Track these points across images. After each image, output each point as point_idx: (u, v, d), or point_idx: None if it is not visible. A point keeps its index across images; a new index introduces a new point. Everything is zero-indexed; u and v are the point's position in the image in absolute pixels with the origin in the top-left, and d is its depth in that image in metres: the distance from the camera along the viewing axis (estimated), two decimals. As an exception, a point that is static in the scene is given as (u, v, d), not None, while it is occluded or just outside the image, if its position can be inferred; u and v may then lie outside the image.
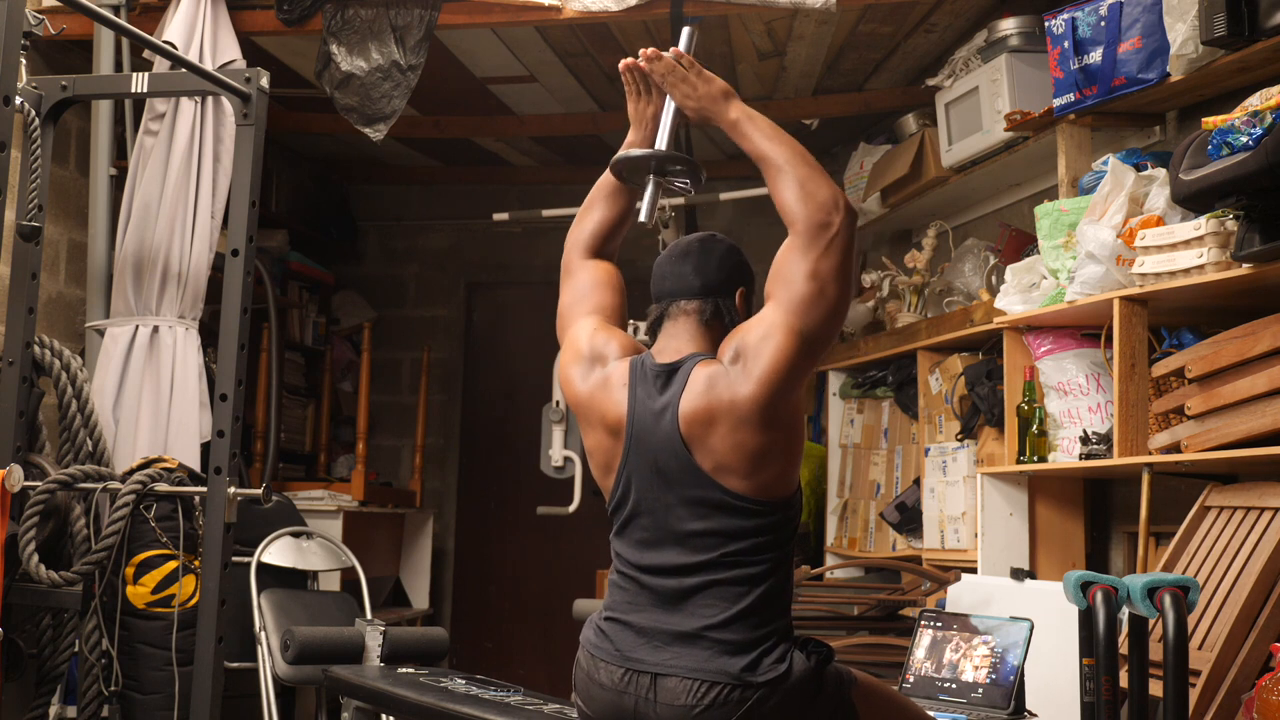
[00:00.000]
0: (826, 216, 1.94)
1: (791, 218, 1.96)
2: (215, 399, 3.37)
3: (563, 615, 4.32)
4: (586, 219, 2.27)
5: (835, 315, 1.95)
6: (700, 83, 2.09)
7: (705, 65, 2.16)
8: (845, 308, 1.98)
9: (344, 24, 3.97)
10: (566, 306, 2.23)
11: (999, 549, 3.51)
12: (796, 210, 1.96)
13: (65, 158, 4.25)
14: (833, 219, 1.94)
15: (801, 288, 1.93)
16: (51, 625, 3.45)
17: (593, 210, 2.27)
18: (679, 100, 2.12)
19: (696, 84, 2.09)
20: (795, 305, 1.93)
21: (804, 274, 1.93)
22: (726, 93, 2.09)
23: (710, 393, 1.95)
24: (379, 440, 6.06)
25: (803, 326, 1.92)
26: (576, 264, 2.25)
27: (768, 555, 1.96)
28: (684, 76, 2.10)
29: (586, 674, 2.03)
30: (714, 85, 2.09)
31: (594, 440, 2.09)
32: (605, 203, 2.26)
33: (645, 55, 2.13)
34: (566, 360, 2.14)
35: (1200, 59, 2.97)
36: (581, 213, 2.28)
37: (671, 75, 2.11)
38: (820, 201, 1.95)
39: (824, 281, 1.93)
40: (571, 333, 2.17)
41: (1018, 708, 2.63)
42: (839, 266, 1.94)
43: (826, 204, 1.95)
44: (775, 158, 2.00)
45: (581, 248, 2.26)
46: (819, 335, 1.94)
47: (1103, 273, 3.07)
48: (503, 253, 6.27)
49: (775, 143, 2.02)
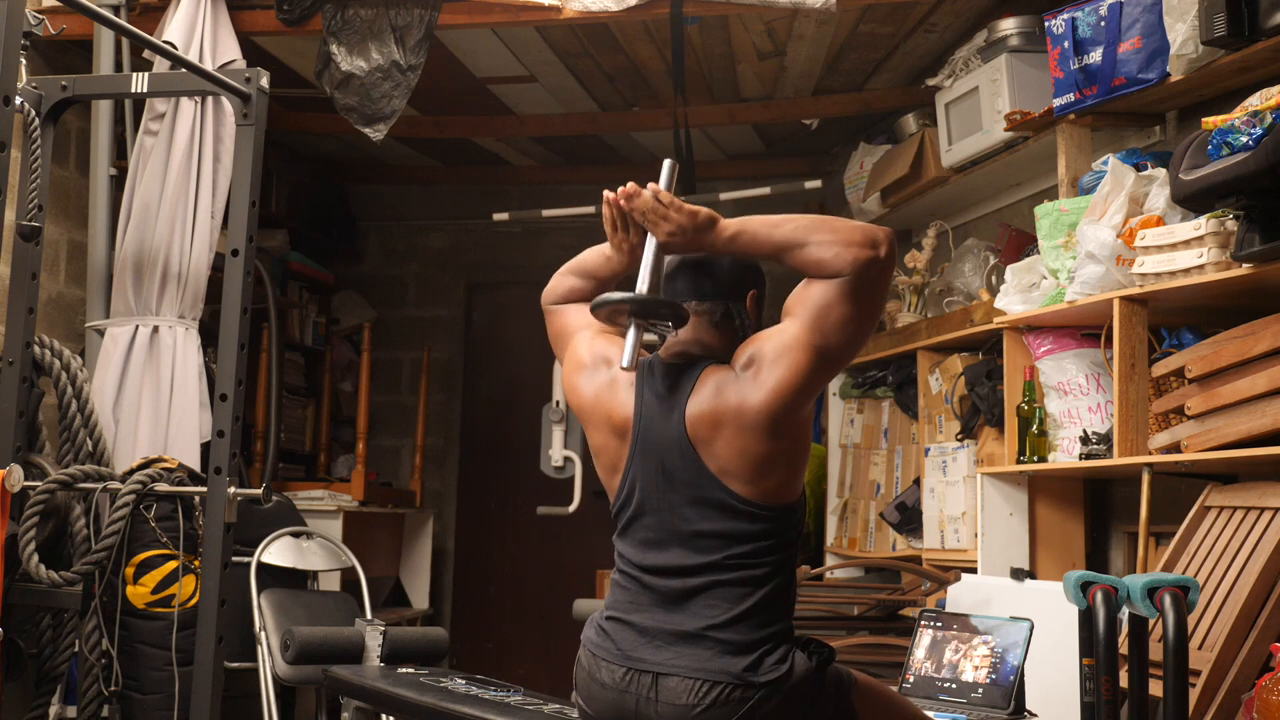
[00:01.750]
0: (871, 248, 1.88)
1: (838, 268, 1.89)
2: (215, 399, 3.37)
3: (563, 615, 4.32)
4: (566, 283, 2.24)
5: (860, 341, 1.94)
6: (682, 218, 1.97)
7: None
8: (870, 334, 1.97)
9: (344, 24, 3.97)
10: (559, 330, 2.23)
11: (999, 549, 3.51)
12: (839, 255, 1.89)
13: (65, 158, 4.25)
14: (878, 246, 1.89)
15: (836, 311, 1.89)
16: (51, 625, 3.45)
17: (568, 280, 2.24)
18: (662, 238, 1.99)
19: (679, 220, 1.97)
20: (825, 326, 1.90)
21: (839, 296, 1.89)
22: (711, 219, 1.97)
23: (718, 397, 1.95)
24: (379, 440, 6.06)
25: (826, 345, 1.91)
26: (555, 309, 2.25)
27: (771, 558, 1.96)
28: (664, 214, 1.97)
29: (588, 673, 2.03)
30: (697, 218, 1.97)
31: (600, 441, 2.09)
32: (580, 280, 2.23)
33: (623, 193, 2.02)
34: (570, 372, 2.15)
35: (1200, 59, 2.97)
36: (564, 273, 2.25)
37: (651, 214, 1.98)
38: (857, 240, 1.89)
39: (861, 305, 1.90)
40: (570, 348, 2.18)
41: (1018, 708, 2.63)
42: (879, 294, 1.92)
43: (866, 237, 1.89)
44: (794, 236, 1.93)
45: (555, 300, 2.26)
46: (839, 357, 1.93)
47: (1103, 273, 3.07)
48: (503, 253, 6.27)
49: (784, 228, 1.95)
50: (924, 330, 4.22)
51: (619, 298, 1.98)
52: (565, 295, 2.25)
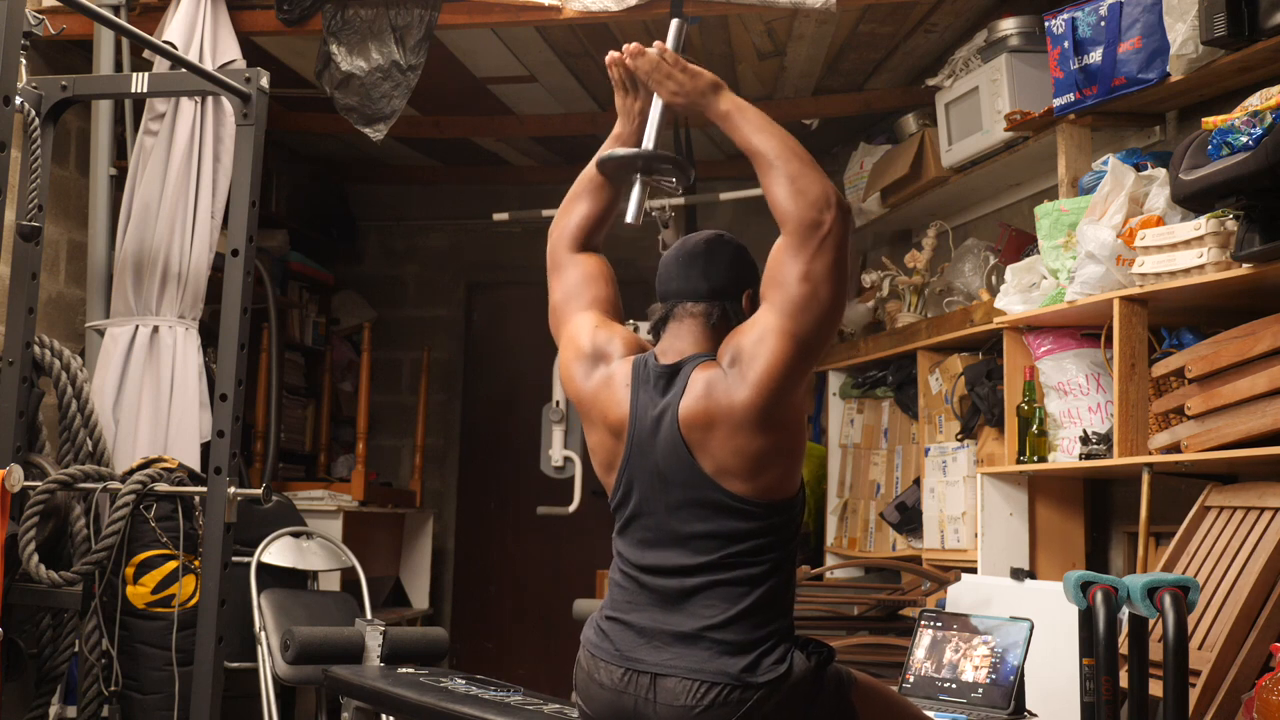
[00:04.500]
0: (818, 215, 1.90)
1: (783, 216, 1.92)
2: (215, 399, 3.37)
3: (563, 615, 4.32)
4: (571, 213, 2.22)
5: (830, 317, 1.92)
6: (686, 78, 2.03)
7: (705, 65, 2.14)
8: (840, 309, 1.94)
9: (344, 24, 3.97)
10: (560, 302, 2.19)
11: (999, 549, 3.51)
12: (788, 208, 1.92)
13: (65, 158, 4.25)
14: (824, 217, 1.90)
15: (794, 290, 1.89)
16: (51, 625, 3.45)
17: (577, 204, 2.23)
18: (665, 97, 2.06)
19: (682, 79, 2.03)
20: (789, 308, 1.90)
21: (796, 276, 1.89)
22: (715, 85, 2.03)
23: (709, 396, 1.94)
24: (379, 440, 6.06)
25: (797, 329, 1.89)
26: (564, 259, 2.21)
27: (769, 556, 1.95)
28: (669, 73, 2.04)
29: (587, 673, 2.03)
30: (700, 79, 2.03)
31: (596, 439, 2.08)
32: (590, 196, 2.22)
33: (629, 51, 2.08)
34: (568, 357, 2.12)
35: (1200, 59, 2.97)
36: (565, 206, 2.24)
37: (656, 72, 2.05)
38: (811, 199, 1.90)
39: (817, 283, 1.89)
40: (570, 329, 2.14)
41: (1018, 708, 2.63)
42: (832, 267, 1.90)
43: (818, 201, 1.90)
44: (766, 152, 1.96)
45: (567, 242, 2.21)
46: (814, 338, 1.91)
47: (1103, 273, 3.07)
48: (503, 253, 6.27)
49: (766, 135, 1.97)
50: (924, 330, 4.22)
51: (625, 152, 2.06)
52: (581, 227, 2.21)
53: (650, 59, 2.05)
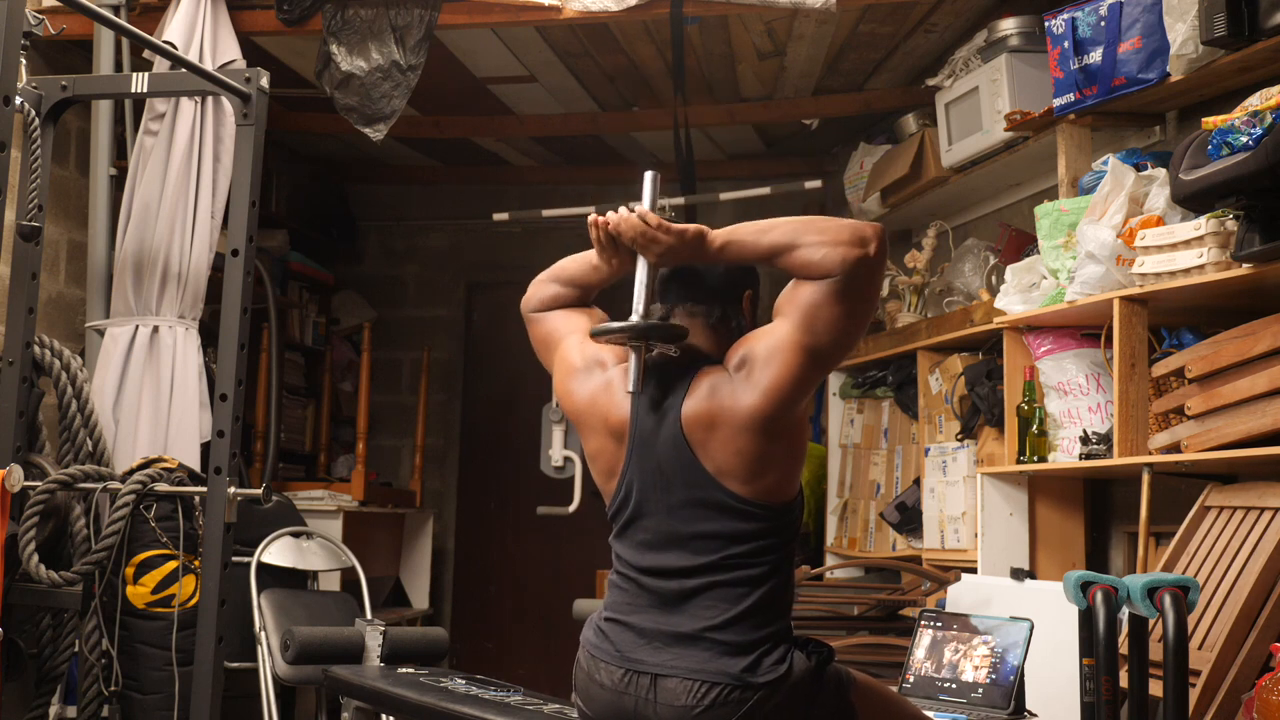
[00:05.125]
0: (862, 249, 1.86)
1: (829, 268, 1.87)
2: (215, 399, 3.37)
3: (563, 615, 4.32)
4: (548, 290, 2.21)
5: (854, 339, 1.93)
6: (670, 239, 1.94)
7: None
8: (863, 332, 1.95)
9: (344, 24, 3.97)
10: (544, 337, 2.20)
11: (999, 549, 3.51)
12: (831, 257, 1.86)
13: (65, 158, 4.25)
14: (868, 243, 1.86)
15: (826, 311, 1.88)
16: (51, 625, 3.45)
17: (551, 288, 2.21)
18: (653, 260, 1.97)
19: (668, 242, 1.94)
20: (815, 326, 1.89)
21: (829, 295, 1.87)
22: (700, 235, 1.94)
23: (713, 398, 1.94)
24: (379, 440, 6.06)
25: (816, 345, 1.89)
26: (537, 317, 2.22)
27: (769, 557, 1.96)
28: (653, 238, 1.94)
29: (587, 674, 2.03)
30: (684, 236, 1.94)
31: (596, 445, 2.09)
32: (565, 289, 2.20)
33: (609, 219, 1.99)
34: (561, 377, 2.13)
35: (1200, 59, 2.97)
36: (539, 285, 2.22)
37: (640, 238, 1.95)
38: (845, 238, 1.87)
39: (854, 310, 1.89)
40: (559, 353, 2.15)
41: (1018, 708, 2.63)
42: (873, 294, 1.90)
43: (854, 235, 1.87)
44: (782, 241, 1.91)
45: (536, 307, 2.22)
46: (831, 355, 1.92)
47: (1103, 273, 3.07)
48: (503, 253, 6.27)
49: (771, 233, 1.93)
50: (924, 330, 4.22)
51: (618, 327, 1.97)
52: (547, 303, 2.21)
53: (633, 224, 1.95)
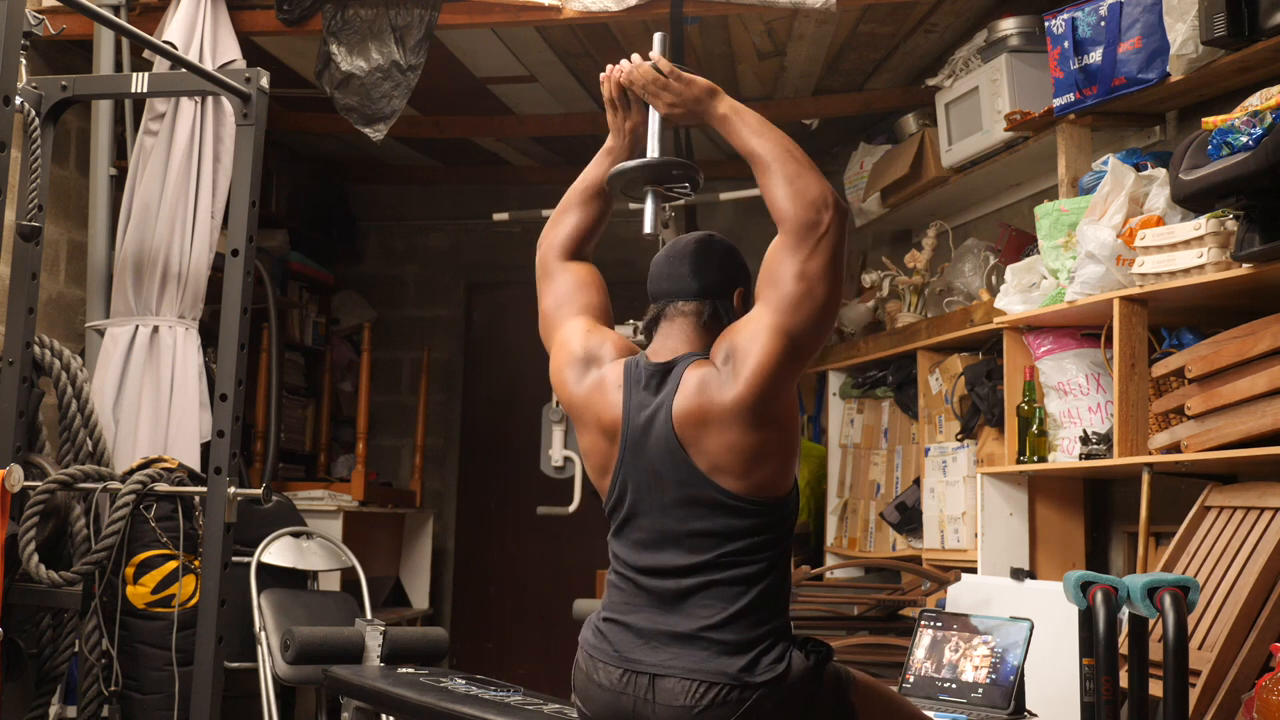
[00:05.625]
0: (815, 215, 1.91)
1: (780, 216, 1.93)
2: (215, 399, 3.37)
3: (563, 615, 4.32)
4: (561, 223, 2.23)
5: (824, 316, 1.92)
6: (682, 87, 2.03)
7: (705, 66, 2.15)
8: (834, 308, 1.95)
9: (344, 24, 3.97)
10: (550, 309, 2.19)
11: (999, 549, 3.51)
12: (785, 208, 1.92)
13: (65, 158, 4.25)
14: (822, 217, 1.91)
15: (789, 288, 1.90)
16: (51, 625, 3.45)
17: (568, 215, 2.23)
18: (663, 110, 2.06)
19: (679, 89, 2.03)
20: (783, 306, 1.90)
21: (792, 274, 1.90)
22: (711, 90, 2.03)
23: (702, 394, 1.94)
24: (379, 440, 6.06)
25: (790, 327, 1.90)
26: (554, 267, 2.21)
27: (765, 555, 1.96)
28: (665, 84, 2.04)
29: (585, 674, 2.03)
30: (696, 86, 2.03)
31: (589, 442, 2.09)
32: (581, 208, 2.22)
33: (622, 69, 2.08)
34: (560, 363, 2.13)
35: (1200, 59, 2.97)
36: (556, 216, 2.24)
37: (653, 85, 2.04)
38: (809, 199, 1.91)
39: (812, 282, 1.90)
40: (561, 334, 2.15)
41: (1018, 708, 2.63)
42: (828, 266, 1.91)
43: (816, 201, 1.91)
44: (763, 154, 1.97)
45: (557, 251, 2.22)
46: (807, 336, 1.91)
47: (1103, 273, 3.07)
48: (503, 253, 6.27)
49: (763, 138, 1.98)
50: (924, 330, 4.22)
51: (633, 165, 2.03)
52: (571, 236, 2.21)
53: (645, 72, 2.05)
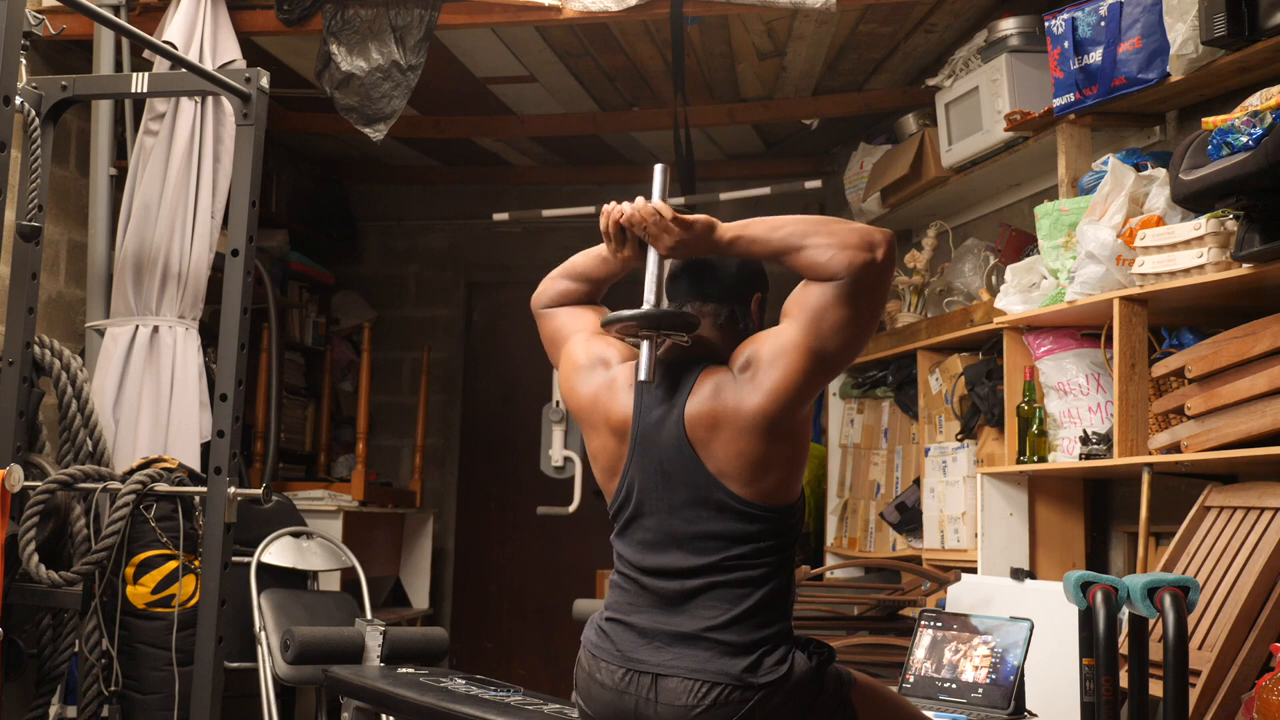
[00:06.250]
0: (869, 253, 1.87)
1: (835, 270, 1.88)
2: (215, 399, 3.37)
3: (563, 615, 4.32)
4: (558, 286, 2.23)
5: (861, 344, 1.94)
6: (680, 230, 1.97)
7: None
8: (869, 337, 1.95)
9: (344, 24, 3.97)
10: (553, 334, 2.22)
11: (999, 549, 3.51)
12: (839, 260, 1.87)
13: (65, 158, 4.25)
14: (876, 252, 1.87)
15: (832, 314, 1.88)
16: (51, 625, 3.45)
17: (561, 284, 2.23)
18: (663, 252, 2.00)
19: (679, 233, 1.97)
20: (822, 329, 1.89)
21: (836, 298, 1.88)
22: (709, 227, 1.97)
23: (716, 398, 1.95)
24: (379, 440, 6.06)
25: (822, 349, 1.90)
26: (547, 313, 2.23)
27: (770, 559, 1.96)
28: (665, 227, 1.97)
29: (587, 674, 2.03)
30: (695, 227, 1.97)
31: (598, 443, 2.09)
32: (574, 284, 2.22)
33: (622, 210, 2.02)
34: (566, 373, 2.14)
35: (1200, 59, 2.97)
36: (549, 282, 2.24)
37: (652, 228, 1.98)
38: (853, 242, 1.88)
39: (861, 312, 1.89)
40: (565, 350, 2.17)
41: (1018, 708, 2.63)
42: (881, 298, 1.91)
43: (862, 242, 1.88)
44: (791, 240, 1.92)
45: (546, 304, 2.24)
46: (837, 359, 1.92)
47: (1103, 273, 3.07)
48: (503, 253, 6.26)
49: (783, 228, 1.94)
50: (924, 330, 4.22)
51: (629, 315, 1.98)
52: (557, 299, 2.23)
53: (646, 215, 1.98)
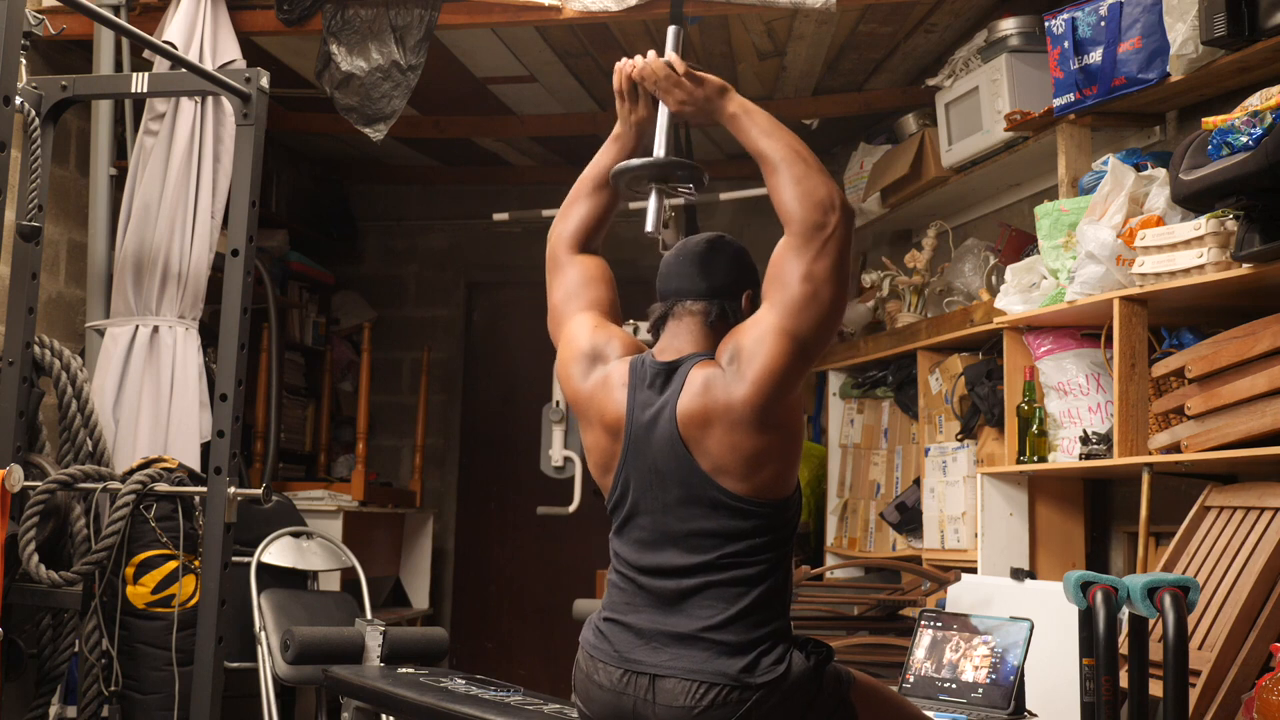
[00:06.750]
0: (822, 216, 1.91)
1: (787, 217, 1.94)
2: (215, 399, 3.37)
3: (563, 615, 4.32)
4: (570, 215, 2.23)
5: (830, 318, 1.93)
6: (692, 85, 2.03)
7: (705, 65, 2.14)
8: (840, 310, 1.95)
9: (344, 24, 3.97)
10: (559, 303, 2.20)
11: (999, 549, 3.51)
12: (792, 209, 1.93)
13: (65, 158, 4.25)
14: (829, 219, 1.91)
15: (795, 290, 1.91)
16: (51, 625, 3.45)
17: (577, 205, 2.23)
18: (673, 107, 2.06)
19: (690, 88, 2.03)
20: (789, 308, 1.91)
21: (798, 276, 1.91)
22: (721, 89, 2.03)
23: (707, 394, 1.94)
24: (379, 440, 6.06)
25: (796, 329, 1.90)
26: (564, 259, 2.22)
27: (766, 556, 1.96)
28: (676, 81, 2.04)
29: (586, 674, 2.03)
30: (707, 85, 2.03)
31: (593, 439, 2.09)
32: (589, 198, 2.22)
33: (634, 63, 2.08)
34: (566, 357, 2.13)
35: (1200, 59, 2.97)
36: (565, 207, 2.24)
37: (664, 82, 2.05)
38: (816, 200, 1.92)
39: (818, 283, 1.90)
40: (569, 330, 2.15)
41: (1018, 708, 2.63)
42: (833, 268, 1.91)
43: (823, 203, 1.92)
44: (771, 155, 1.97)
45: (567, 243, 2.22)
46: (813, 338, 1.92)
47: (1103, 273, 3.07)
48: (503, 253, 6.27)
49: (772, 139, 1.99)
50: (924, 330, 4.22)
51: (638, 163, 2.02)
52: (581, 228, 2.21)
53: (657, 68, 2.05)
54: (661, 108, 2.08)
